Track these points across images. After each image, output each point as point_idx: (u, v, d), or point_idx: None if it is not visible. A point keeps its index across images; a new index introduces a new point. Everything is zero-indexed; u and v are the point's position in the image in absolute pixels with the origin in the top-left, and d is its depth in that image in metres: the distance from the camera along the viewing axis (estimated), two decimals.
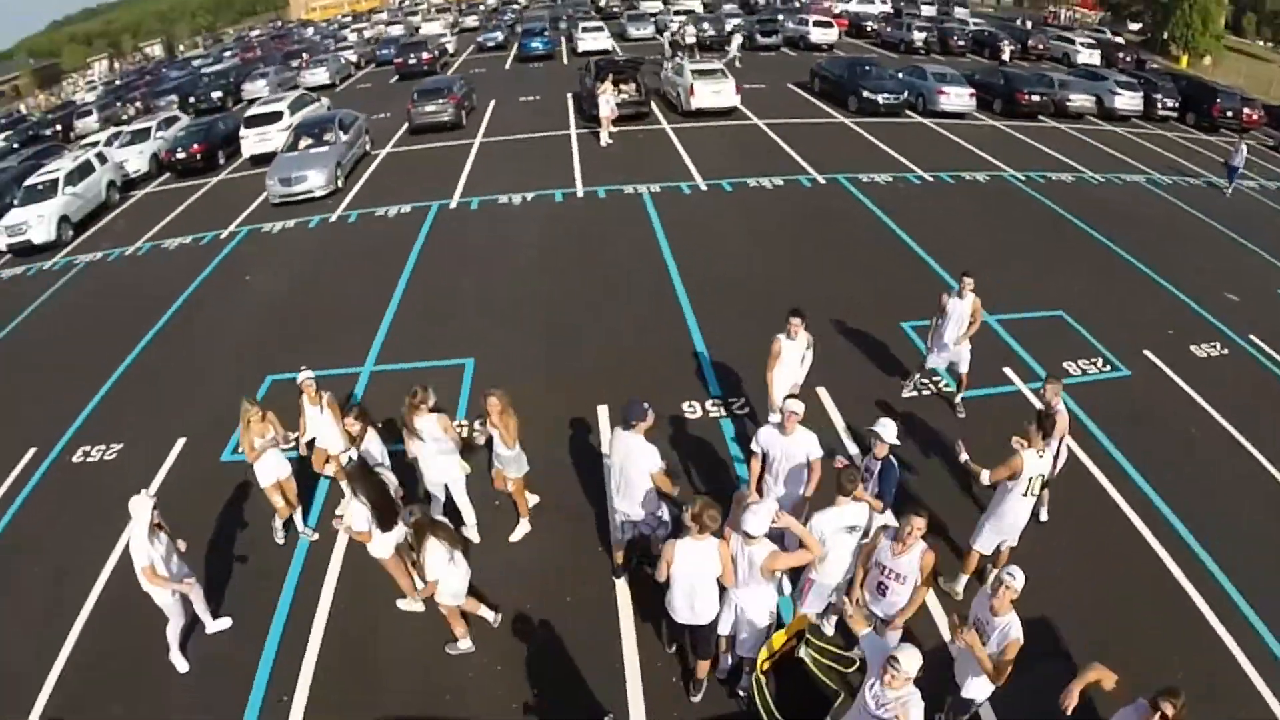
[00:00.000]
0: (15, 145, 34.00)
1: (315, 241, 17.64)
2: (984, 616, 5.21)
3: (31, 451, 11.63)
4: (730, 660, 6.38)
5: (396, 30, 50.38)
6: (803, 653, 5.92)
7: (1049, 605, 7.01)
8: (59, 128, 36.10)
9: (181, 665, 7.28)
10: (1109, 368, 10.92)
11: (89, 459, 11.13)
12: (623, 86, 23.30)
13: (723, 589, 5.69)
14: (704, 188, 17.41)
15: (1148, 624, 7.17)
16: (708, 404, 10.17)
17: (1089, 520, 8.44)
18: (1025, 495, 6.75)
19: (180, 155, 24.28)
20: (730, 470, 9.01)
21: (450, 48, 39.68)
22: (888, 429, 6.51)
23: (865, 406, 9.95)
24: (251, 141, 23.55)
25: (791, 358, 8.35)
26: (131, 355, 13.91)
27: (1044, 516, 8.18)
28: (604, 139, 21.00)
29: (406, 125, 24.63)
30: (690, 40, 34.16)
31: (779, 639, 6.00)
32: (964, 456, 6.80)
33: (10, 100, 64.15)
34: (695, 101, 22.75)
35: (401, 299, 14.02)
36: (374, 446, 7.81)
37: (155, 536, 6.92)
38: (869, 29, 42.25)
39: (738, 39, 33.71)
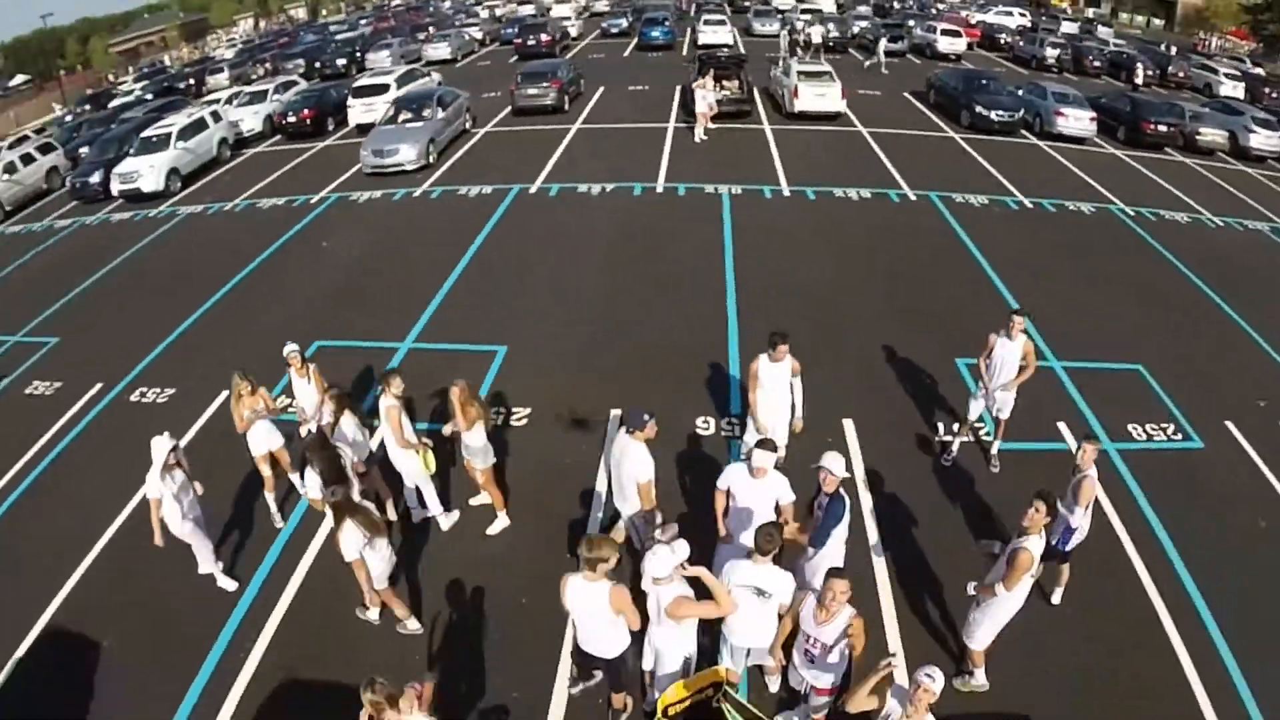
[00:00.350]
0: (149, 96, 37.18)
1: (396, 215, 18.57)
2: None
3: (98, 386, 12.89)
4: (652, 696, 6.17)
5: (527, 10, 51.94)
6: (724, 706, 5.70)
7: (1039, 705, 6.60)
8: (192, 82, 39.20)
9: (229, 585, 8.10)
10: (1180, 436, 10.13)
11: (143, 399, 12.23)
12: (725, 83, 23.31)
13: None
14: (787, 193, 17.28)
15: None
16: (723, 422, 10.12)
17: (1110, 613, 7.54)
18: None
19: (291, 119, 26.00)
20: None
21: (574, 31, 40.59)
22: (835, 462, 6.23)
23: (892, 445, 9.70)
24: (358, 111, 24.96)
25: (774, 383, 8.08)
26: (203, 307, 15.16)
27: (1056, 599, 7.50)
28: (698, 135, 21.13)
29: (510, 106, 25.48)
30: (816, 40, 33.75)
31: (690, 685, 5.80)
32: (972, 588, 6.27)
33: (157, 51, 69.64)
34: (798, 104, 22.57)
35: (457, 280, 14.60)
36: (347, 426, 8.17)
37: (170, 475, 7.64)
38: (1002, 41, 40.54)
39: (884, 43, 33.04)
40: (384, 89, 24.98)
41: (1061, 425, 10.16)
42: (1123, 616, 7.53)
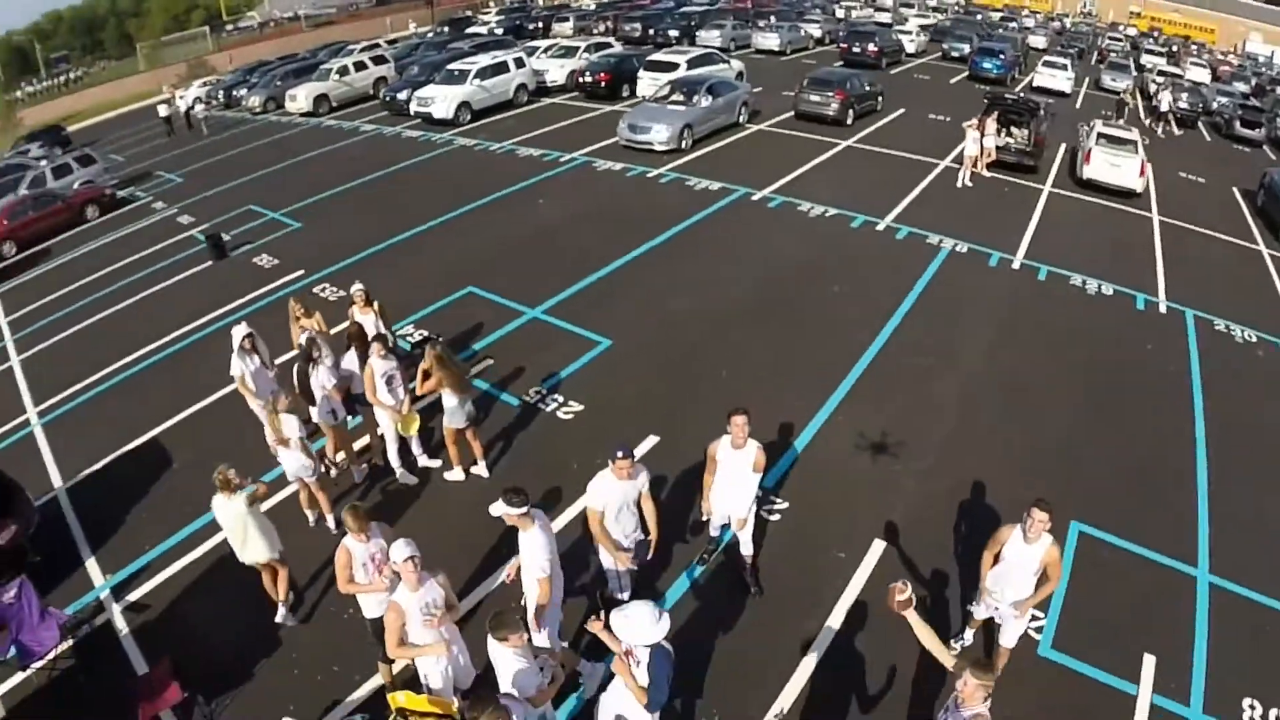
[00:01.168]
0: (499, 30, 42.70)
1: (618, 190, 20.27)
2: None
3: (299, 272, 16.52)
4: None
5: (881, 16, 51.65)
6: None
7: None
8: (541, 25, 44.25)
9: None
10: None
11: (321, 294, 15.41)
12: (1013, 130, 22.04)
13: None
14: (1016, 265, 16.19)
15: None
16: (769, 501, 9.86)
17: None
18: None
19: (588, 78, 28.91)
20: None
21: (910, 47, 39.62)
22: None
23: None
24: (645, 83, 27.11)
25: (732, 470, 7.42)
26: (409, 231, 18.33)
27: None
28: (962, 179, 20.31)
29: (793, 109, 26.14)
30: (1164, 108, 30.39)
31: (434, 703, 6.00)
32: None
33: None
34: (1087, 170, 20.62)
35: (618, 266, 15.82)
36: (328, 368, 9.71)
37: (248, 357, 9.96)
38: None
39: (1237, 125, 28.91)
40: (673, 67, 26.82)
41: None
42: None
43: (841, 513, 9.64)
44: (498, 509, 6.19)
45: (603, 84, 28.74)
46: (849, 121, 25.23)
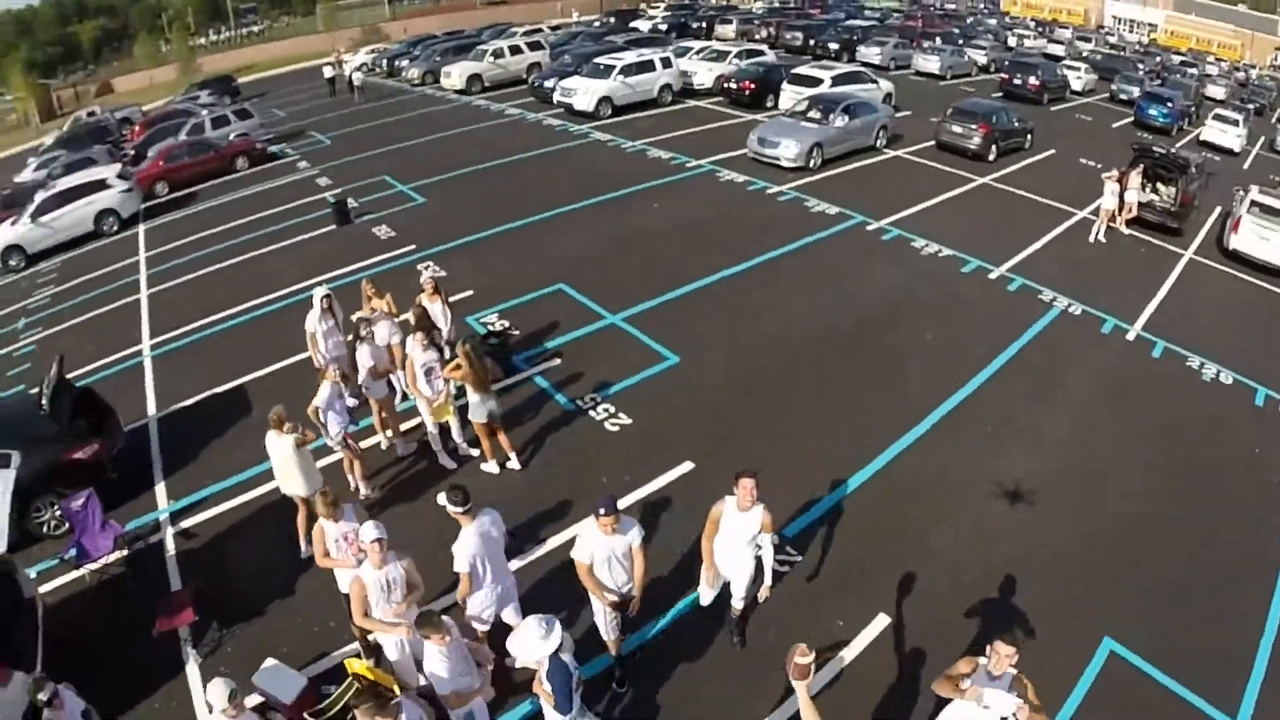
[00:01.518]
0: (662, 26, 43.81)
1: (735, 203, 20.70)
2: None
3: (411, 247, 17.98)
4: None
5: (1054, 49, 49.63)
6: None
7: None
8: (704, 25, 45.08)
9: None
10: None
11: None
12: (1159, 186, 21.02)
13: None
14: (1131, 337, 15.53)
15: None
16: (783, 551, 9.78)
17: None
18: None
19: (732, 85, 29.48)
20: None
21: (1078, 84, 37.81)
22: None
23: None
24: (787, 96, 27.41)
25: (735, 533, 7.33)
26: (521, 221, 19.45)
27: None
28: (1095, 234, 19.66)
29: (934, 138, 25.83)
30: None
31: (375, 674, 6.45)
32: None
33: None
34: (1234, 240, 19.28)
35: (711, 281, 16.24)
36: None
37: (325, 316, 11.37)
38: None
39: None
40: (816, 82, 26.99)
41: None
42: None
43: (856, 577, 9.36)
44: (441, 499, 6.95)
45: (747, 92, 29.25)
46: (991, 158, 24.71)
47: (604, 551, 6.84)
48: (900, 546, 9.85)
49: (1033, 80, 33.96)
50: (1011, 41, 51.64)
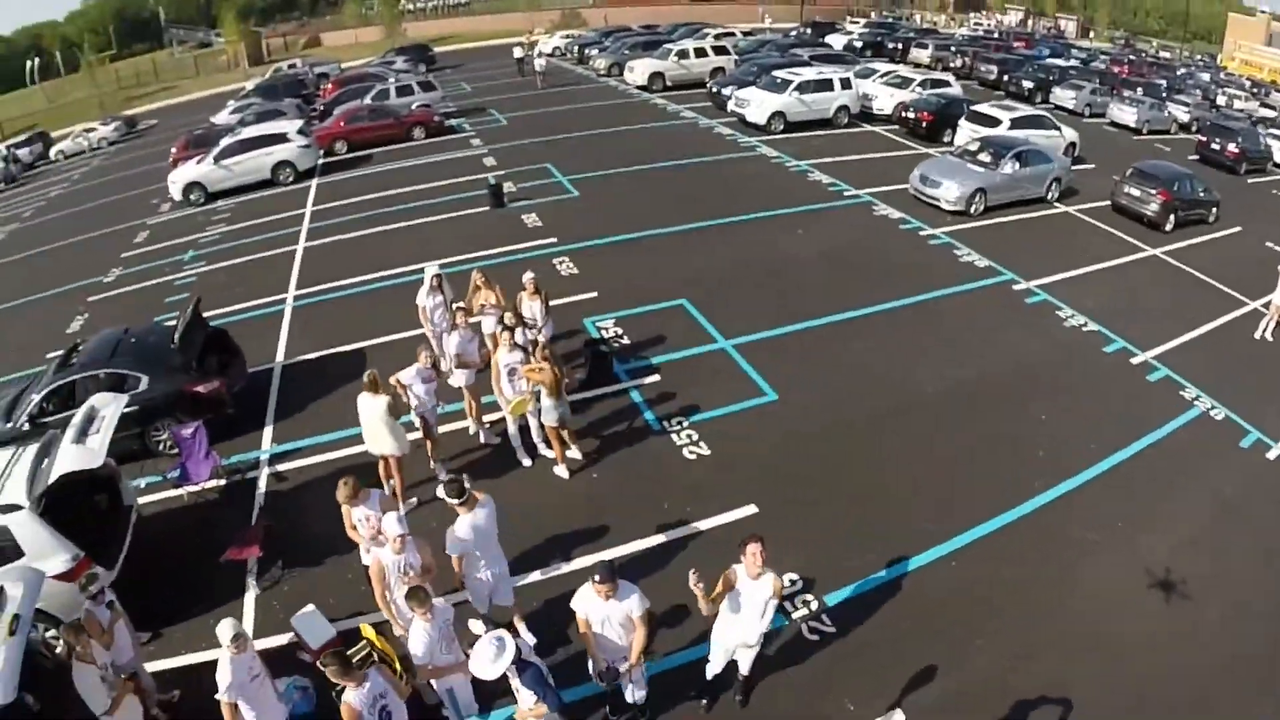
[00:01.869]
0: (857, 44, 43.68)
1: (881, 241, 20.49)
2: None
3: (552, 240, 18.84)
4: None
5: (1267, 112, 45.61)
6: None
7: None
8: (900, 47, 44.54)
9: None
10: None
11: (560, 268, 17.31)
12: None
13: None
14: (1272, 456, 14.47)
15: None
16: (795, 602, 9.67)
17: None
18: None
19: (910, 115, 29.18)
20: None
21: None
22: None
23: None
24: (963, 132, 26.91)
25: (746, 600, 7.16)
26: (657, 230, 19.99)
27: None
28: (1262, 330, 18.29)
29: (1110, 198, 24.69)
30: None
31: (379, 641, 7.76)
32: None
33: (919, 10, 76.90)
34: None
35: (833, 321, 16.20)
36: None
37: (435, 293, 12.67)
38: None
39: None
40: (994, 122, 26.33)
41: None
42: None
43: (884, 662, 8.97)
44: (440, 491, 7.74)
45: (924, 123, 28.87)
46: (1167, 228, 23.29)
47: (599, 614, 6.89)
48: (938, 646, 9.24)
49: (1231, 147, 31.65)
50: (1220, 100, 48.16)
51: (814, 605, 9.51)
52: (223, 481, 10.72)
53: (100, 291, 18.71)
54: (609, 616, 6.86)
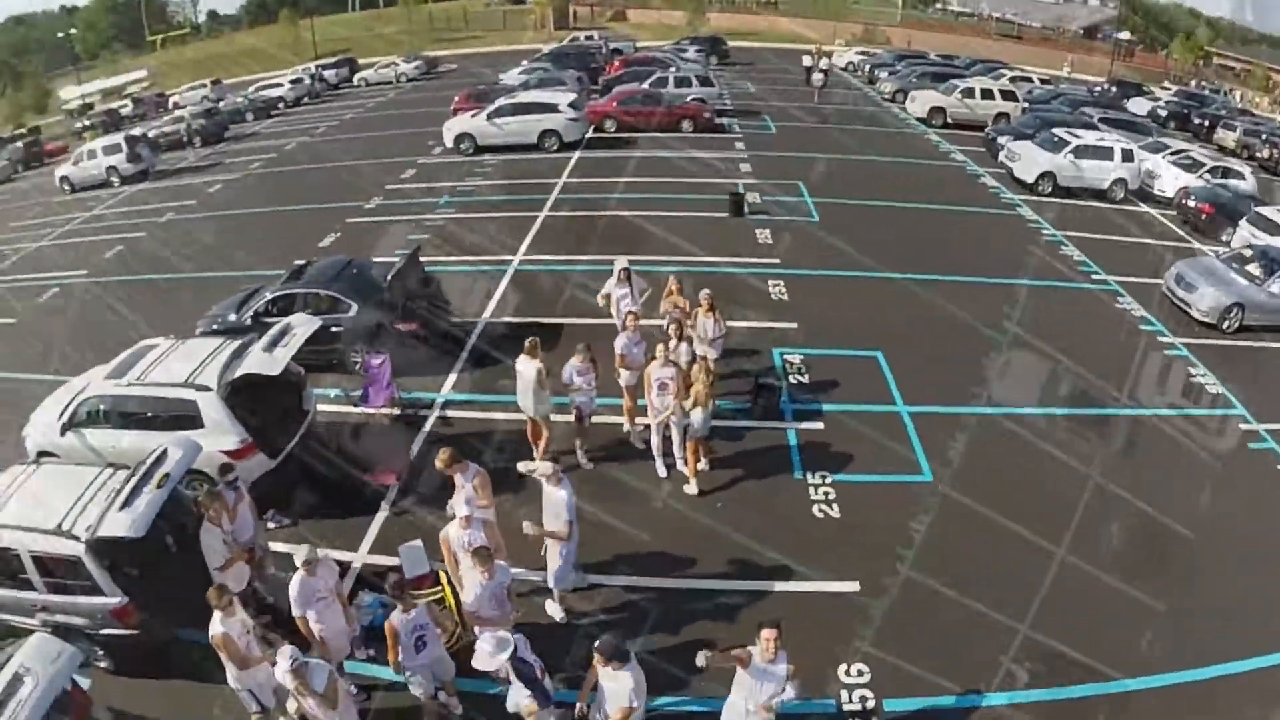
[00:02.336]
0: (1161, 113, 40.19)
1: (1104, 336, 17.45)
2: None
3: (773, 260, 18.85)
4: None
5: None
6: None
7: None
8: (1206, 124, 39.91)
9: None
10: None
11: (770, 291, 17.69)
12: None
13: None
14: None
15: None
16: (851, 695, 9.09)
17: None
18: None
19: (1190, 202, 25.96)
20: None
21: None
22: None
23: None
24: (1242, 234, 23.29)
25: (758, 688, 7.09)
26: (877, 273, 19.42)
27: None
28: None
29: None
30: None
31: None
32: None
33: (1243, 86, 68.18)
34: None
35: (1022, 413, 14.31)
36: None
37: (622, 285, 13.46)
38: None
39: None
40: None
41: None
42: None
43: None
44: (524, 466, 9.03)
45: (1203, 215, 26.16)
46: None
47: (593, 679, 7.07)
48: None
49: None
50: None
51: (870, 704, 8.97)
52: (396, 412, 12.13)
53: (358, 216, 20.96)
54: (603, 685, 6.94)
